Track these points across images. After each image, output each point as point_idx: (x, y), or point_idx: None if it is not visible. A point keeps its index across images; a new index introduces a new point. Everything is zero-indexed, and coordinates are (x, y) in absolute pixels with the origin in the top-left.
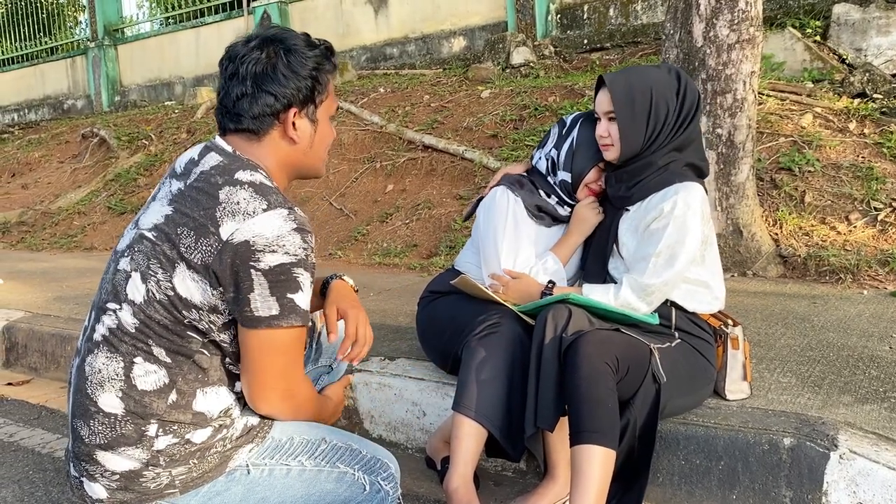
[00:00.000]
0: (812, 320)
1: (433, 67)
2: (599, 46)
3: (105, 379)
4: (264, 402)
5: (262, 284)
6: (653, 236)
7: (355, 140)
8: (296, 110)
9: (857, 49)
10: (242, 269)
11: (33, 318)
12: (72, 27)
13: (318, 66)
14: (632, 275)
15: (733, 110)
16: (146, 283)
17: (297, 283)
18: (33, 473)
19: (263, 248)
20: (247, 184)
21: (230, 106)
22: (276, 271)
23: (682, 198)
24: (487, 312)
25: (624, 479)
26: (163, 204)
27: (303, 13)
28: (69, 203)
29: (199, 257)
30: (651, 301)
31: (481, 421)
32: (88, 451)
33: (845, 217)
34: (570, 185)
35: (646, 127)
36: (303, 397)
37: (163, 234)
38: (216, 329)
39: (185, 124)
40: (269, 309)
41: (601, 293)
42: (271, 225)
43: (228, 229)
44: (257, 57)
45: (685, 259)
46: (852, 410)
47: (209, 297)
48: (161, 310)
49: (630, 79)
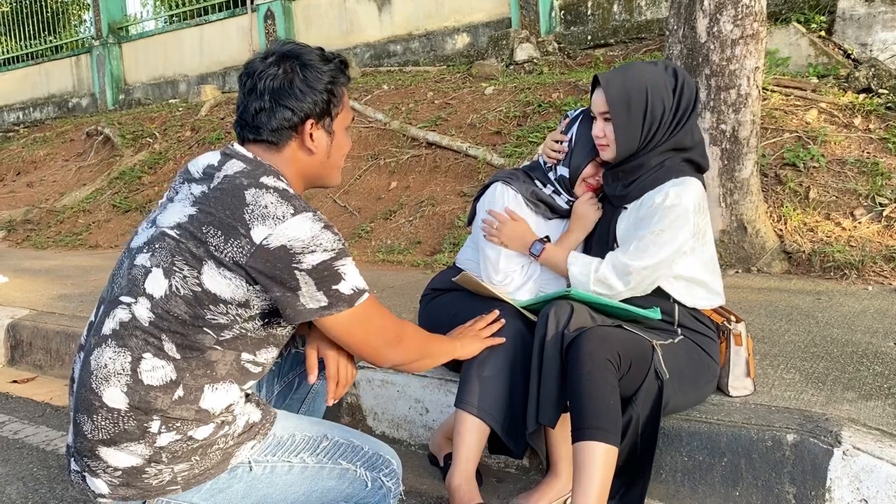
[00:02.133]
0: (816, 316)
1: (437, 64)
2: (603, 43)
3: (111, 373)
4: (383, 362)
5: (308, 283)
6: (641, 222)
7: (359, 137)
8: (313, 122)
9: (862, 44)
10: (286, 271)
11: (38, 316)
12: (76, 25)
13: (334, 80)
14: (615, 253)
15: (737, 106)
16: (170, 278)
17: (340, 273)
18: (38, 470)
19: (302, 250)
20: (272, 188)
21: (249, 119)
22: (320, 268)
23: (674, 190)
24: (489, 309)
25: (627, 475)
26: (185, 205)
27: (306, 11)
28: (74, 201)
29: (229, 256)
30: (629, 282)
31: (483, 417)
32: (90, 446)
33: (850, 213)
34: (569, 180)
35: (642, 126)
36: (409, 336)
37: (187, 232)
38: (242, 320)
39: (189, 122)
40: (318, 302)
41: (583, 264)
42: (303, 227)
43: (261, 233)
44: (274, 73)
45: (672, 248)
46: (856, 407)
47: (242, 293)
48: (182, 304)
49: (625, 78)
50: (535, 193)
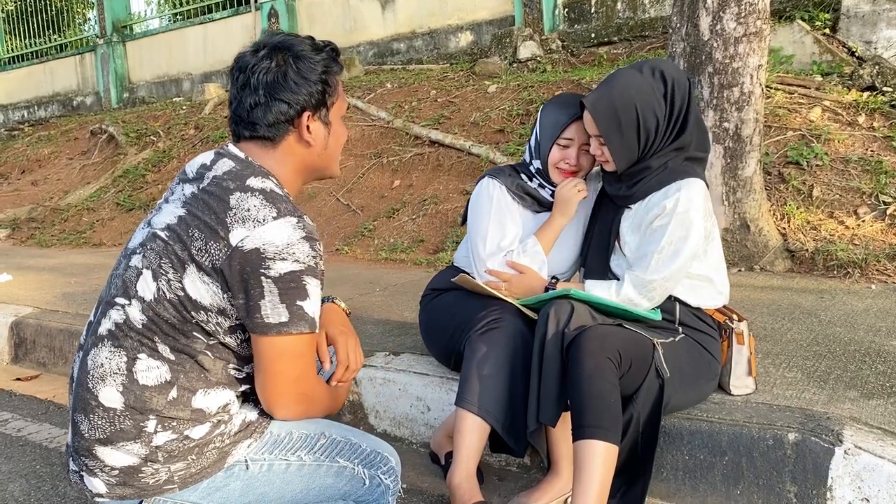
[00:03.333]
0: (819, 315)
1: (440, 62)
2: (607, 40)
3: (107, 373)
4: (280, 406)
5: (273, 292)
6: (655, 233)
7: (362, 136)
8: (309, 114)
9: (866, 42)
10: (253, 276)
11: (42, 314)
12: (81, 24)
13: (327, 69)
14: (634, 271)
15: (740, 104)
16: (157, 281)
17: (306, 290)
18: (41, 468)
19: (274, 255)
20: (258, 191)
21: (244, 115)
22: (286, 279)
23: (683, 194)
24: (488, 308)
25: (628, 474)
26: (176, 206)
27: (310, 9)
28: (78, 199)
29: (208, 260)
30: (652, 297)
31: (484, 416)
32: (88, 445)
33: (854, 211)
34: (543, 171)
35: (637, 140)
36: (317, 398)
37: (175, 234)
38: (222, 332)
39: (192, 121)
40: (279, 316)
41: (603, 289)
42: (281, 233)
43: (238, 235)
44: (267, 66)
45: (687, 255)
46: (858, 405)
47: (218, 300)
48: (170, 308)
49: (611, 97)
50: (521, 187)
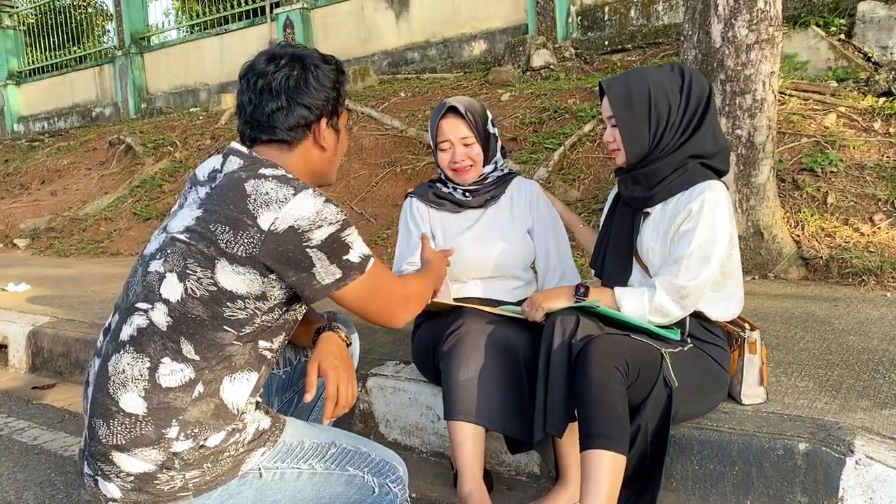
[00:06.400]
0: (833, 323)
1: (454, 71)
2: (620, 48)
3: (129, 379)
4: (398, 323)
5: (321, 258)
6: (683, 238)
7: (376, 144)
8: (325, 120)
9: (882, 47)
10: (298, 251)
11: (59, 323)
12: (100, 36)
13: (338, 79)
14: (665, 276)
15: (753, 111)
16: (184, 281)
17: (347, 244)
18: (55, 476)
19: (310, 227)
20: (269, 176)
21: (263, 119)
22: (329, 242)
23: (709, 196)
24: (451, 321)
25: (636, 484)
26: (192, 209)
27: (325, 19)
28: (96, 209)
29: (242, 250)
30: (685, 304)
31: (468, 419)
32: (104, 450)
33: (869, 218)
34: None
35: (648, 124)
36: (413, 292)
37: (196, 234)
38: (261, 314)
39: (209, 131)
40: (333, 275)
41: (636, 297)
42: (306, 205)
43: (268, 219)
44: (288, 72)
45: (717, 257)
46: (870, 415)
47: (257, 286)
48: (199, 306)
49: (627, 81)
50: (436, 193)
